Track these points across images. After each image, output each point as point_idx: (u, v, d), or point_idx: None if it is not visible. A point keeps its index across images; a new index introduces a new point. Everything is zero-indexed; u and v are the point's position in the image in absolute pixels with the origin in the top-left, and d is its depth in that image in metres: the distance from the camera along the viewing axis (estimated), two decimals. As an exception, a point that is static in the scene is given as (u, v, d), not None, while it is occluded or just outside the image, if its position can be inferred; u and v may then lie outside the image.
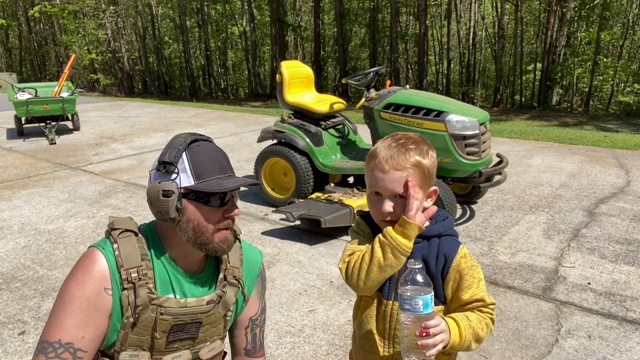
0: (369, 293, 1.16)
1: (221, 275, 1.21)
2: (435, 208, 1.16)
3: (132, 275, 1.07)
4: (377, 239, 1.12)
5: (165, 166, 1.09)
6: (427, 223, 1.18)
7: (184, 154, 1.10)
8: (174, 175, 1.09)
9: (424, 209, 1.15)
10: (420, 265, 1.00)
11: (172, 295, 1.14)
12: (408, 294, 0.99)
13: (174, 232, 1.13)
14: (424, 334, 0.99)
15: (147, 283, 1.09)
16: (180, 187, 1.08)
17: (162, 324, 1.10)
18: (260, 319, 1.35)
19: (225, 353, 1.31)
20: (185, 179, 1.08)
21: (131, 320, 1.08)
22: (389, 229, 1.11)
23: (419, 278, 0.99)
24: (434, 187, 1.17)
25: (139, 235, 1.13)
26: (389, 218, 1.13)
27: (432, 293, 1.00)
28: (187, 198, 1.09)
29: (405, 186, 1.09)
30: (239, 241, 1.28)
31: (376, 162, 1.13)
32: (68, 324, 1.03)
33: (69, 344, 1.03)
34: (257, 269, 1.33)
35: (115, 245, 1.09)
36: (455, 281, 1.13)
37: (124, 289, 1.07)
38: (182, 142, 1.11)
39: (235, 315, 1.29)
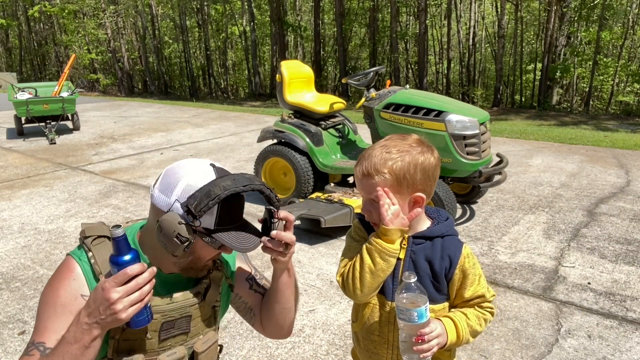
0: (368, 300, 1.18)
1: None
2: (419, 210, 1.15)
3: None
4: (364, 246, 1.13)
5: (193, 214, 1.01)
6: (428, 223, 1.19)
7: (215, 207, 1.02)
8: (197, 223, 1.02)
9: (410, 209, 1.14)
10: (415, 279, 1.04)
11: (157, 297, 1.12)
12: (404, 305, 1.03)
13: (159, 245, 1.09)
14: (420, 341, 1.04)
15: None
16: (200, 226, 1.03)
17: (152, 324, 1.08)
18: (257, 273, 1.35)
19: (221, 346, 1.30)
20: (207, 219, 1.03)
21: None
22: (373, 235, 1.12)
23: (414, 290, 1.03)
24: (419, 194, 1.11)
25: None
26: (373, 221, 1.14)
27: (427, 303, 1.03)
28: (197, 233, 1.05)
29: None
30: None
31: (356, 165, 1.15)
32: (46, 328, 1.03)
33: (40, 343, 1.03)
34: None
35: (90, 254, 1.08)
36: (459, 280, 1.16)
37: None
38: (218, 195, 1.00)
39: (225, 304, 1.29)
